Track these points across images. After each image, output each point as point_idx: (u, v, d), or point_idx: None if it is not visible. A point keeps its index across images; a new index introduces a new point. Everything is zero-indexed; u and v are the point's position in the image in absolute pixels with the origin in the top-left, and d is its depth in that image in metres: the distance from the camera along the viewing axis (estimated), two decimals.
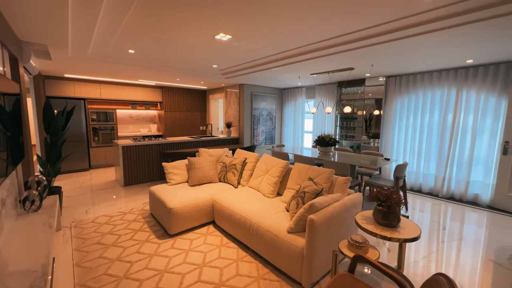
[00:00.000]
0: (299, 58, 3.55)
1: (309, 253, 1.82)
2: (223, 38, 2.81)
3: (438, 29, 2.24)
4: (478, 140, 3.83)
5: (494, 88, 3.62)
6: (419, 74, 4.37)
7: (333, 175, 2.46)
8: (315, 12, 2.10)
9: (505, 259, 2.35)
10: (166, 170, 3.29)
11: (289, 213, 2.31)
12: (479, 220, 3.27)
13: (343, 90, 5.63)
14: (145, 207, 3.48)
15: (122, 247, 2.45)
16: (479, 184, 3.87)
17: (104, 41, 2.91)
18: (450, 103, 4.07)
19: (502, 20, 2.01)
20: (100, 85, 5.91)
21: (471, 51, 3.03)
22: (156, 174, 4.92)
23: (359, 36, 2.68)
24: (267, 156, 3.20)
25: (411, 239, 1.71)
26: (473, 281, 2.03)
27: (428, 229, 2.98)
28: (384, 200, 1.86)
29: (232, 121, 6.53)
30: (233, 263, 2.20)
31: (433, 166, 4.34)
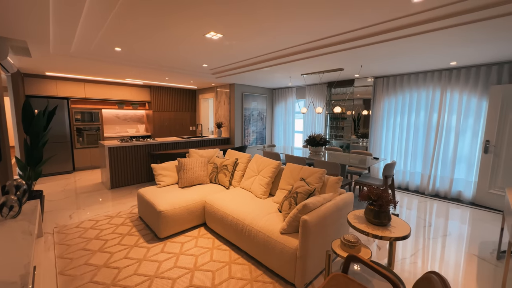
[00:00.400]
0: (289, 58, 3.56)
1: (302, 254, 1.82)
2: (213, 37, 2.76)
3: (424, 32, 2.30)
4: (461, 139, 3.98)
5: (475, 89, 3.78)
6: (406, 75, 4.50)
7: (324, 175, 2.47)
8: (304, 13, 2.10)
9: (488, 253, 2.44)
10: (155, 171, 3.20)
11: (281, 213, 2.30)
12: (462, 216, 3.39)
13: (332, 91, 5.70)
14: (133, 210, 3.37)
15: (109, 252, 2.35)
16: (462, 181, 4.02)
17: (89, 37, 2.79)
18: (435, 104, 4.21)
19: (481, 24, 2.09)
20: (84, 84, 5.68)
21: (454, 54, 3.14)
22: (144, 176, 4.79)
23: (348, 37, 2.71)
24: (259, 157, 3.18)
25: (402, 237, 1.74)
26: (458, 276, 2.10)
27: (415, 226, 3.06)
28: (375, 199, 1.88)
29: (223, 121, 6.47)
30: (225, 265, 2.16)
31: (419, 165, 4.47)
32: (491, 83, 3.61)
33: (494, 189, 3.60)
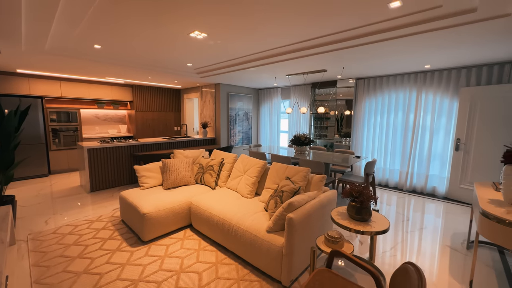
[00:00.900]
0: (274, 59, 3.60)
1: (288, 251, 1.85)
2: (198, 36, 2.73)
3: (399, 36, 2.43)
4: (435, 137, 4.23)
5: (447, 90, 4.03)
6: (385, 77, 4.70)
7: (309, 173, 2.53)
8: (289, 16, 2.14)
9: (459, 244, 2.63)
10: (138, 173, 3.11)
11: (268, 212, 2.33)
12: (437, 210, 3.61)
13: (316, 91, 5.84)
14: (115, 214, 3.26)
15: (90, 258, 2.26)
16: (436, 177, 4.28)
17: (65, 34, 2.65)
18: (411, 104, 4.44)
19: (449, 31, 2.25)
20: (60, 82, 5.39)
21: (428, 58, 3.34)
22: (126, 178, 4.63)
23: (331, 39, 2.79)
24: (245, 157, 3.20)
25: (382, 231, 1.83)
26: (433, 266, 2.24)
27: (395, 221, 3.22)
28: (357, 196, 1.96)
29: (208, 121, 6.41)
30: (212, 266, 2.15)
31: (398, 162, 4.69)
32: (461, 86, 3.87)
33: (464, 184, 3.86)
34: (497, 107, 3.48)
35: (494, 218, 1.69)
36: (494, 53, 3.10)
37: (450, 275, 2.10)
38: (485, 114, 3.60)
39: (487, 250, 2.50)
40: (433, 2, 1.85)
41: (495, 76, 3.59)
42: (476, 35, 2.42)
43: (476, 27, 2.18)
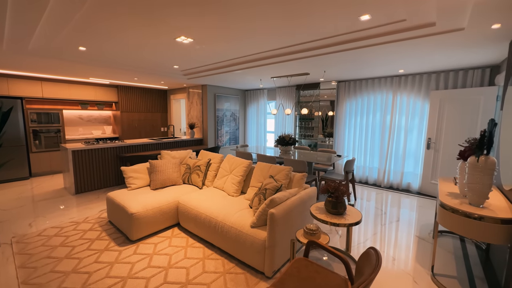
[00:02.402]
0: (259, 62, 3.74)
1: (270, 244, 2.00)
2: (184, 41, 2.82)
3: (372, 45, 2.65)
4: (409, 137, 4.55)
5: (419, 93, 4.35)
6: (364, 80, 4.98)
7: (291, 172, 2.69)
8: (271, 26, 2.28)
9: (426, 234, 2.89)
10: (125, 174, 3.15)
11: (252, 209, 2.47)
12: (411, 204, 3.90)
13: (301, 93, 6.05)
14: (102, 215, 3.28)
15: (78, 258, 2.30)
16: (411, 174, 4.60)
17: (50, 35, 2.66)
18: (388, 106, 4.74)
19: (416, 41, 2.49)
20: (41, 82, 5.26)
21: (401, 63, 3.61)
22: (113, 179, 4.61)
23: (311, 46, 2.97)
24: (231, 157, 3.32)
25: (354, 223, 2.02)
26: (403, 254, 2.47)
27: (373, 215, 3.46)
28: (333, 191, 2.14)
29: (195, 122, 6.46)
30: (199, 261, 2.26)
31: (376, 160, 4.99)
32: (431, 89, 4.20)
33: (434, 180, 4.19)
34: (462, 109, 3.82)
35: (450, 208, 1.92)
36: (458, 61, 3.41)
37: (416, 262, 2.33)
38: (451, 115, 3.93)
39: (450, 238, 2.77)
40: (398, 16, 2.06)
41: (460, 81, 3.93)
42: (438, 46, 2.69)
43: (437, 39, 2.43)
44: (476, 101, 3.67)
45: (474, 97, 3.69)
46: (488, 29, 2.22)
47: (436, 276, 2.10)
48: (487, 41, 2.54)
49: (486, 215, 1.73)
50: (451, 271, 2.19)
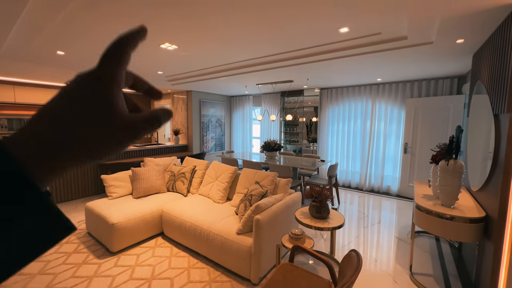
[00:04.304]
0: (244, 69, 3.80)
1: (256, 250, 2.01)
2: (168, 48, 2.81)
3: (351, 55, 2.80)
4: (388, 142, 4.78)
5: (396, 101, 4.61)
6: (345, 87, 5.19)
7: (276, 177, 2.73)
8: (255, 39, 2.35)
9: (405, 235, 3.03)
10: (106, 183, 3.04)
11: (238, 216, 2.46)
12: (391, 207, 4.07)
13: (285, 99, 6.18)
14: (81, 226, 3.12)
15: (52, 274, 2.17)
16: (390, 177, 4.81)
17: (26, 38, 2.54)
18: (368, 112, 4.96)
19: (391, 52, 2.66)
20: (14, 86, 4.96)
21: (379, 72, 3.82)
22: (92, 189, 4.41)
23: (294, 55, 3.07)
24: (217, 163, 3.31)
25: (337, 226, 2.08)
26: (383, 255, 2.57)
27: (356, 218, 3.57)
28: (316, 196, 2.20)
29: (180, 128, 6.36)
30: (184, 271, 2.21)
31: (358, 165, 5.17)
32: (407, 97, 4.46)
33: (412, 183, 4.41)
34: (434, 115, 4.09)
35: (425, 210, 2.03)
36: (429, 71, 3.67)
37: (396, 262, 2.43)
38: (425, 121, 4.19)
39: (426, 238, 2.92)
40: (373, 30, 2.20)
41: (432, 89, 4.22)
42: (411, 57, 2.90)
43: (409, 51, 2.62)
44: (446, 108, 3.95)
45: (444, 104, 3.97)
46: (453, 43, 2.42)
47: (414, 275, 2.21)
48: (454, 54, 2.77)
49: (457, 215, 1.86)
50: (428, 269, 2.31)
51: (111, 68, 0.24)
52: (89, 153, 0.23)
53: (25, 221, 0.19)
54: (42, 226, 0.20)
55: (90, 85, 0.23)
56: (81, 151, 0.22)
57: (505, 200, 1.58)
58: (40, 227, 0.20)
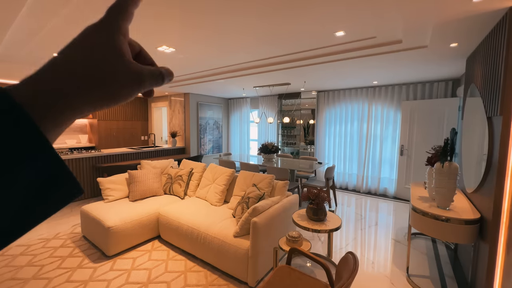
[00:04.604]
0: (241, 72, 3.81)
1: (253, 253, 2.00)
2: (166, 51, 2.82)
3: (347, 58, 2.83)
4: (384, 144, 4.81)
5: (392, 103, 4.65)
6: (342, 90, 5.23)
7: (273, 180, 2.73)
8: (252, 38, 2.36)
9: (402, 236, 3.04)
10: (102, 186, 3.01)
11: (235, 218, 2.46)
12: (388, 209, 4.09)
13: (283, 102, 6.21)
14: (76, 230, 3.08)
15: (47, 278, 2.14)
16: (387, 179, 4.84)
17: (21, 41, 2.53)
18: (364, 115, 5.00)
19: (386, 56, 2.70)
20: None
21: (375, 75, 3.86)
22: (88, 192, 4.37)
23: (291, 58, 3.09)
24: (214, 166, 3.30)
25: (335, 229, 2.08)
26: (380, 257, 2.57)
27: (353, 220, 3.58)
28: (313, 198, 2.20)
29: (177, 131, 6.35)
30: (181, 275, 2.19)
31: (355, 167, 5.20)
32: (402, 99, 4.51)
33: (408, 185, 4.44)
34: (429, 118, 4.13)
35: (421, 211, 2.05)
36: (424, 74, 3.72)
37: (393, 264, 2.44)
38: (421, 123, 4.24)
39: (422, 240, 2.94)
40: (369, 34, 2.23)
41: (427, 92, 4.27)
42: (406, 60, 2.94)
43: (404, 55, 2.65)
44: (441, 111, 4.00)
45: (439, 107, 4.02)
46: (447, 47, 2.47)
47: (411, 277, 2.21)
48: (448, 57, 2.82)
49: (452, 216, 1.88)
50: (424, 271, 2.32)
51: (116, 18, 0.25)
52: (96, 98, 0.23)
53: (30, 170, 0.18)
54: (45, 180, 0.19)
55: (97, 33, 0.24)
56: (88, 97, 0.23)
57: (499, 201, 1.60)
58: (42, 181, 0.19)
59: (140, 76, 0.25)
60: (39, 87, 0.21)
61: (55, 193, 0.20)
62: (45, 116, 0.20)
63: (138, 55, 0.30)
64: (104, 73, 0.23)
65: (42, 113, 0.20)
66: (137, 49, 0.29)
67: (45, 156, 0.19)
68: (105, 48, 0.24)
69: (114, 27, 0.25)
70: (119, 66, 0.24)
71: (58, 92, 0.21)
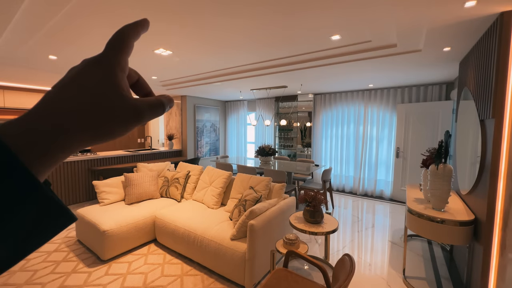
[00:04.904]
0: (239, 75, 3.83)
1: (250, 256, 1.99)
2: (163, 53, 2.82)
3: (343, 62, 2.86)
4: (380, 146, 4.86)
5: (387, 106, 4.71)
6: (338, 93, 5.28)
7: (271, 182, 2.74)
8: (249, 41, 2.38)
9: (398, 238, 3.05)
10: (97, 189, 2.98)
11: (232, 221, 2.45)
12: (384, 211, 4.11)
13: (280, 104, 6.23)
14: (70, 234, 3.04)
15: (40, 283, 2.10)
16: (383, 181, 4.87)
17: (16, 43, 2.51)
18: (360, 117, 5.05)
19: (381, 59, 2.74)
20: (3, 91, 4.87)
21: (371, 78, 3.91)
22: (83, 195, 4.32)
23: (288, 61, 3.12)
24: (211, 168, 3.29)
25: (332, 231, 2.09)
26: (377, 259, 2.58)
27: (350, 222, 3.59)
28: (310, 201, 2.21)
29: (174, 133, 6.33)
30: (177, 279, 2.17)
31: (352, 169, 5.23)
32: (397, 102, 4.56)
33: (404, 186, 4.48)
34: (424, 120, 4.19)
35: (416, 213, 2.07)
36: (419, 77, 3.78)
37: (390, 266, 2.45)
38: (416, 126, 4.29)
39: (419, 241, 2.96)
40: (364, 38, 2.26)
41: (422, 95, 4.34)
42: (401, 64, 2.98)
43: (399, 58, 2.70)
44: (435, 113, 4.06)
45: (434, 110, 4.07)
46: (440, 51, 2.51)
47: (407, 278, 2.22)
48: (441, 61, 2.87)
49: (447, 218, 1.90)
50: (421, 273, 2.33)
51: (115, 53, 0.25)
52: (92, 135, 0.23)
53: (17, 210, 0.19)
54: (38, 215, 0.20)
55: (95, 69, 0.24)
56: (83, 134, 0.22)
57: (493, 203, 1.62)
58: (35, 216, 0.19)
59: (139, 112, 0.25)
60: (33, 125, 0.20)
61: (46, 227, 0.20)
62: (34, 161, 0.20)
63: (136, 84, 0.30)
64: (102, 110, 0.23)
65: (32, 156, 0.20)
66: (135, 78, 0.29)
67: (36, 197, 0.19)
68: (104, 84, 0.24)
69: (113, 62, 0.25)
70: (118, 102, 0.24)
71: (51, 130, 0.21)
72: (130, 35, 0.26)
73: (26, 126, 0.20)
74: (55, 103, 0.22)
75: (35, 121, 0.21)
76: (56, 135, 0.21)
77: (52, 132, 0.21)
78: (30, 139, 0.20)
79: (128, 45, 0.26)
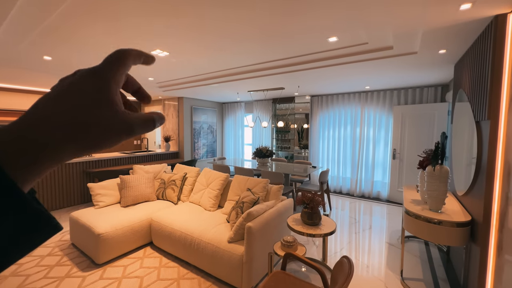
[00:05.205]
0: (236, 76, 3.82)
1: (248, 258, 1.97)
2: (160, 54, 2.80)
3: (340, 63, 2.87)
4: (377, 148, 4.88)
5: (384, 108, 4.74)
6: (335, 95, 5.31)
7: (268, 184, 2.72)
8: (247, 43, 2.38)
9: (395, 239, 3.06)
10: (92, 191, 2.94)
11: (229, 223, 2.43)
12: (381, 212, 4.12)
13: (277, 106, 6.24)
14: (64, 237, 2.98)
15: None
16: (380, 183, 4.89)
17: (10, 43, 2.47)
18: (357, 119, 5.07)
19: (377, 62, 2.76)
20: None
21: (367, 80, 3.93)
22: (78, 198, 4.25)
23: (286, 63, 3.12)
24: (208, 170, 3.27)
25: (329, 233, 2.08)
26: (375, 261, 2.58)
27: (348, 223, 3.58)
28: (308, 202, 2.20)
29: (171, 135, 6.29)
30: (173, 282, 2.14)
31: (349, 171, 5.24)
32: (394, 104, 4.60)
33: (400, 188, 4.50)
34: (420, 122, 4.22)
35: (413, 215, 2.07)
36: (414, 79, 3.81)
37: (387, 267, 2.45)
38: (412, 127, 4.32)
39: (416, 243, 2.97)
40: (361, 40, 2.28)
41: (418, 97, 4.38)
42: (397, 66, 3.01)
43: (395, 60, 2.72)
44: (431, 115, 4.09)
45: (430, 112, 4.11)
46: (436, 54, 2.54)
47: (405, 280, 2.22)
48: (437, 63, 2.90)
49: (444, 219, 1.90)
50: (418, 274, 2.33)
51: (111, 68, 0.25)
52: (82, 146, 0.23)
53: (3, 220, 0.19)
54: (21, 225, 0.19)
55: (90, 79, 0.24)
56: (75, 144, 0.22)
57: (489, 204, 1.63)
58: (18, 227, 0.19)
59: (131, 127, 0.25)
60: (23, 132, 0.20)
61: (29, 238, 0.20)
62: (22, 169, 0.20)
63: (126, 81, 0.30)
64: (94, 123, 0.23)
65: (20, 165, 0.20)
66: (124, 78, 0.29)
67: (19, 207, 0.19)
68: (98, 97, 0.24)
69: (109, 75, 0.25)
70: (111, 116, 0.24)
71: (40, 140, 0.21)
72: (130, 57, 0.27)
73: (17, 133, 0.20)
74: (48, 113, 0.22)
75: (26, 128, 0.21)
76: (46, 144, 0.21)
77: (42, 141, 0.21)
78: (20, 146, 0.20)
79: (125, 63, 0.26)
